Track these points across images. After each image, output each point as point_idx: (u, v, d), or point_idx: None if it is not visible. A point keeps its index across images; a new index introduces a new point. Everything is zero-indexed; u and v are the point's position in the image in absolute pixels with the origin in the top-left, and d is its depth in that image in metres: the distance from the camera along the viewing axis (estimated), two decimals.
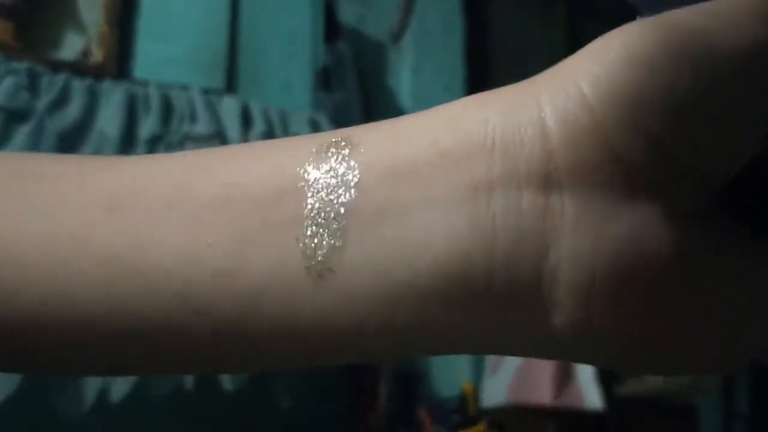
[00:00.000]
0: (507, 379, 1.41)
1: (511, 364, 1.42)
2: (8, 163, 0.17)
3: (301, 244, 0.14)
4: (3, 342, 0.16)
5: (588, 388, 1.31)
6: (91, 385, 1.11)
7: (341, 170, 0.14)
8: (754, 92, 0.13)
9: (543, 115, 0.13)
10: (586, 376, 1.31)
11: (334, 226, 0.14)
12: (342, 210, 0.14)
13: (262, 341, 0.14)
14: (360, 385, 1.44)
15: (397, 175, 0.14)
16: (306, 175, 0.15)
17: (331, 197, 0.14)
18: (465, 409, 1.35)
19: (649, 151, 0.13)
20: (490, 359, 1.52)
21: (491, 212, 0.13)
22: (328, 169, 0.15)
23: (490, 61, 2.01)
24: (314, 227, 0.14)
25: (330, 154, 0.15)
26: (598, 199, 0.13)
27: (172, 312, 0.14)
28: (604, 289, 0.13)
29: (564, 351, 0.14)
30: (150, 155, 0.17)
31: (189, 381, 1.16)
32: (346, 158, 0.15)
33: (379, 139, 0.15)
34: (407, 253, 0.13)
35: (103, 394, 1.11)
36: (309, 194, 0.14)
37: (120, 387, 1.11)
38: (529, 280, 0.13)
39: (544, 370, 1.33)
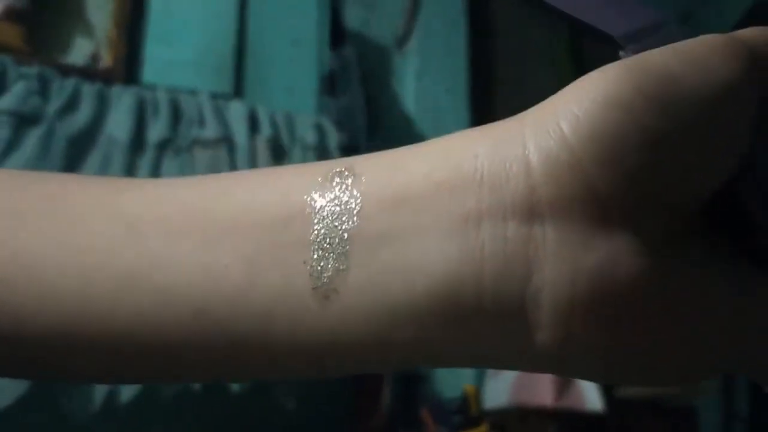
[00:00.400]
0: (508, 381, 1.42)
1: None
2: (31, 182, 0.19)
3: (308, 267, 0.15)
4: (29, 353, 0.17)
5: (588, 390, 1.32)
6: (100, 387, 1.13)
7: (345, 198, 0.16)
8: (721, 129, 0.15)
9: (527, 152, 0.15)
10: None
11: (339, 250, 0.15)
12: (345, 236, 0.15)
13: (273, 355, 0.16)
14: (363, 387, 1.46)
15: (396, 204, 0.15)
16: (312, 202, 0.16)
17: (336, 224, 0.16)
18: (467, 410, 1.37)
19: (623, 185, 0.14)
20: None
21: (480, 240, 0.15)
22: (332, 197, 0.16)
23: (493, 65, 2.02)
24: (320, 251, 0.15)
25: (335, 184, 0.16)
26: (577, 229, 0.14)
27: (190, 327, 0.16)
28: (582, 312, 0.14)
29: (548, 366, 0.16)
30: (167, 180, 0.19)
31: (196, 383, 1.18)
32: (349, 187, 0.16)
33: (379, 169, 0.16)
34: (404, 276, 0.15)
35: (111, 396, 1.13)
36: (315, 221, 0.16)
37: (128, 389, 1.13)
38: (515, 302, 0.15)
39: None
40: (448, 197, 0.15)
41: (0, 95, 1.29)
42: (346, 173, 0.16)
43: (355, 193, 0.16)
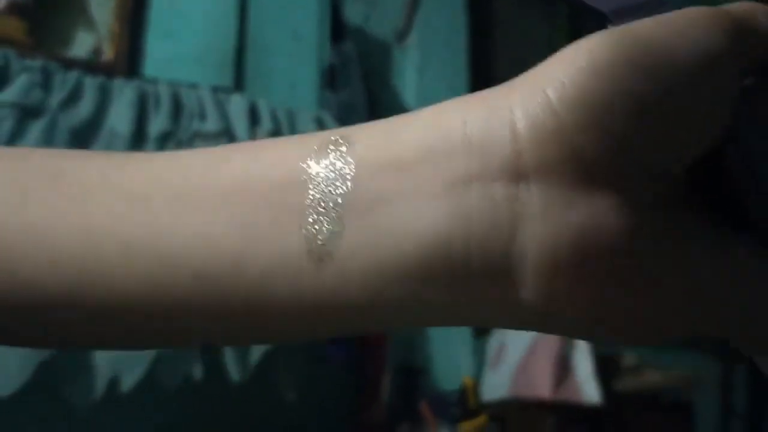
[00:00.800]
0: (507, 374, 1.43)
1: (512, 359, 1.45)
2: (38, 158, 0.19)
3: (304, 231, 0.16)
4: (40, 319, 0.18)
5: (586, 383, 1.33)
6: (102, 375, 1.14)
7: (339, 165, 0.16)
8: (703, 96, 0.15)
9: (514, 118, 0.15)
10: (584, 371, 1.34)
11: (333, 214, 0.16)
12: (339, 200, 0.16)
13: (270, 316, 0.16)
14: (363, 379, 1.46)
15: (388, 170, 0.16)
16: (308, 169, 0.16)
17: (330, 189, 0.16)
18: (465, 402, 1.38)
19: (607, 150, 0.15)
20: (491, 355, 1.55)
21: (468, 202, 0.15)
22: (327, 164, 0.16)
23: (493, 60, 2.03)
24: (315, 215, 0.16)
25: (329, 151, 0.17)
26: (561, 191, 0.15)
27: (191, 290, 0.16)
28: (565, 270, 0.15)
29: (533, 322, 0.16)
30: (165, 153, 0.19)
31: (197, 373, 1.19)
32: (344, 155, 0.17)
33: (373, 137, 0.17)
34: (395, 237, 0.15)
35: (112, 384, 1.14)
36: (311, 186, 0.16)
37: (129, 378, 1.14)
38: (501, 261, 0.15)
39: (544, 365, 1.36)
40: (437, 162, 0.16)
41: (3, 88, 1.30)
42: (341, 141, 0.17)
43: (348, 159, 0.16)
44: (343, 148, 0.17)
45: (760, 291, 0.16)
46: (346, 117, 1.59)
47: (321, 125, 1.52)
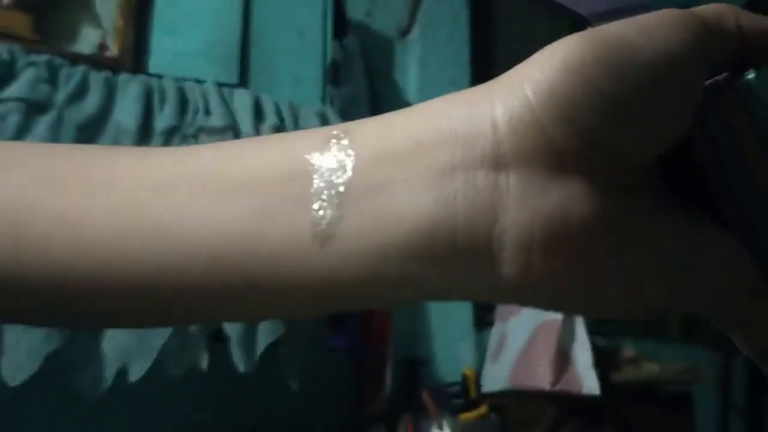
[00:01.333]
0: (507, 366, 1.45)
1: (512, 351, 1.46)
2: (65, 153, 0.21)
3: (309, 216, 0.18)
4: (69, 302, 0.19)
5: (585, 375, 1.35)
6: (110, 366, 1.16)
7: (340, 157, 0.18)
8: (667, 92, 0.17)
9: (495, 112, 0.17)
10: (583, 363, 1.36)
11: (335, 201, 0.18)
12: (341, 189, 0.18)
13: (280, 294, 0.18)
14: (366, 371, 1.48)
15: (384, 160, 0.18)
16: (312, 160, 0.18)
17: (332, 178, 0.18)
18: (466, 393, 1.40)
19: (577, 141, 0.17)
20: (491, 348, 1.57)
21: (453, 189, 0.17)
22: (330, 155, 0.18)
23: (495, 55, 2.04)
24: (319, 202, 0.18)
25: (332, 144, 0.18)
26: (537, 178, 0.17)
27: (208, 271, 0.18)
28: (540, 249, 0.17)
29: (513, 297, 0.18)
30: (184, 147, 0.21)
31: (203, 363, 1.21)
32: (344, 147, 0.18)
33: (370, 131, 0.19)
34: (390, 221, 0.17)
35: (121, 374, 1.16)
36: (315, 176, 0.18)
37: (137, 368, 1.16)
38: (484, 241, 0.17)
39: (544, 357, 1.37)
40: (427, 153, 0.18)
41: (10, 83, 1.31)
42: (342, 135, 0.19)
43: (349, 152, 0.18)
44: (344, 142, 0.18)
45: (726, 268, 0.18)
46: (349, 111, 1.60)
47: (324, 120, 1.54)
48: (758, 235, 0.18)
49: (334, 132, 0.19)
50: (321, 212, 0.18)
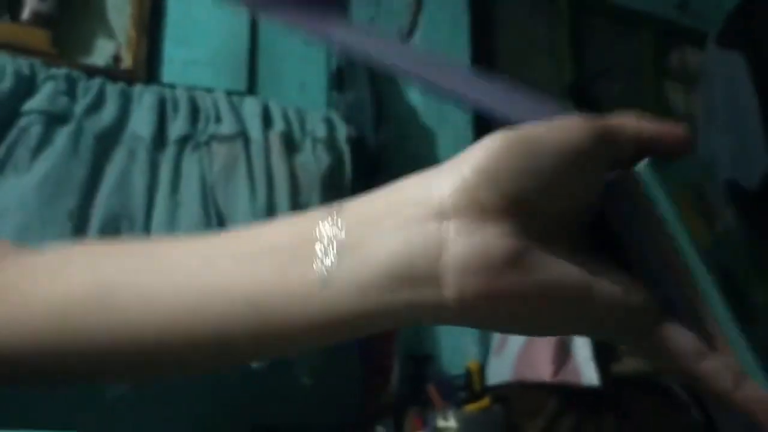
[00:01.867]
0: (510, 359, 1.50)
1: (515, 345, 1.52)
2: (134, 247, 0.29)
3: (315, 267, 0.24)
4: (139, 358, 0.26)
5: (585, 366, 1.40)
6: None
7: (337, 227, 0.25)
8: (565, 180, 0.23)
9: (441, 184, 0.24)
10: (583, 354, 1.41)
11: (333, 256, 0.24)
12: (336, 247, 0.25)
13: (298, 328, 0.25)
14: (374, 366, 1.54)
15: (366, 223, 0.24)
16: (317, 231, 0.25)
17: (332, 240, 0.25)
18: (471, 385, 1.45)
19: (495, 203, 0.23)
20: (495, 342, 1.62)
21: (411, 236, 0.23)
22: (328, 226, 0.25)
23: (496, 58, 2.09)
24: (322, 257, 0.25)
25: (330, 218, 0.25)
26: (468, 225, 0.23)
27: (245, 316, 0.25)
28: (471, 274, 0.23)
29: (456, 318, 0.24)
30: (223, 231, 0.28)
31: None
32: (339, 219, 0.25)
33: (358, 205, 0.26)
34: (370, 265, 0.24)
35: None
36: (318, 241, 0.25)
37: None
38: (433, 270, 0.23)
39: (545, 349, 1.43)
40: (394, 214, 0.24)
41: (31, 96, 1.38)
42: (337, 211, 0.25)
43: (342, 222, 0.25)
44: (340, 215, 0.25)
45: (620, 301, 0.23)
46: (354, 116, 1.66)
47: (330, 124, 1.60)
48: (649, 276, 0.24)
49: (333, 209, 0.26)
50: (323, 264, 0.24)
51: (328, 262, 0.24)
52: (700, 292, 0.23)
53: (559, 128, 0.24)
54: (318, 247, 0.25)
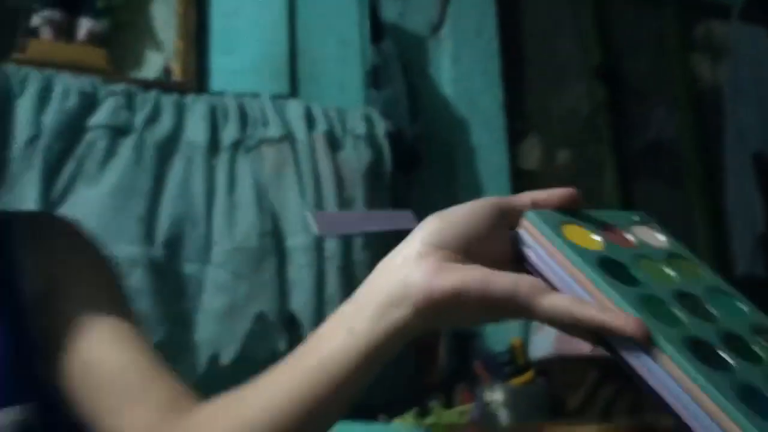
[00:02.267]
0: (552, 333, 1.58)
1: None
2: (285, 367, 0.41)
3: (346, 327, 0.38)
4: (289, 421, 0.40)
5: None
6: (203, 353, 1.35)
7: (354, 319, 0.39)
8: (478, 241, 0.37)
9: (403, 251, 0.38)
10: None
11: (350, 322, 0.38)
12: (353, 323, 0.38)
13: (355, 365, 0.38)
14: (423, 345, 1.64)
15: (362, 307, 0.38)
16: (355, 327, 0.38)
17: (352, 320, 0.39)
18: (515, 360, 1.54)
19: (439, 257, 0.36)
20: None
21: (391, 281, 0.37)
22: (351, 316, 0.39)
23: (523, 46, 2.15)
24: (348, 326, 0.38)
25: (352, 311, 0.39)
26: (427, 267, 0.36)
27: (342, 357, 0.38)
28: (436, 296, 0.36)
29: (424, 326, 0.37)
30: (297, 355, 0.41)
31: (282, 346, 1.38)
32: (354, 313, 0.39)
33: (355, 300, 0.39)
34: (372, 312, 0.37)
35: (213, 359, 1.34)
36: (350, 325, 0.38)
37: (227, 353, 1.35)
38: (405, 297, 0.36)
39: None
40: (373, 293, 0.38)
41: (94, 112, 1.50)
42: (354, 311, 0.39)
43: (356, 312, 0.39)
44: (355, 311, 0.39)
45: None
46: (391, 111, 1.74)
47: (369, 121, 1.69)
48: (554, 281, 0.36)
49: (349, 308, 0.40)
50: (349, 326, 0.38)
51: (351, 324, 0.38)
52: (585, 277, 0.34)
53: (473, 207, 0.38)
54: (346, 324, 0.39)
